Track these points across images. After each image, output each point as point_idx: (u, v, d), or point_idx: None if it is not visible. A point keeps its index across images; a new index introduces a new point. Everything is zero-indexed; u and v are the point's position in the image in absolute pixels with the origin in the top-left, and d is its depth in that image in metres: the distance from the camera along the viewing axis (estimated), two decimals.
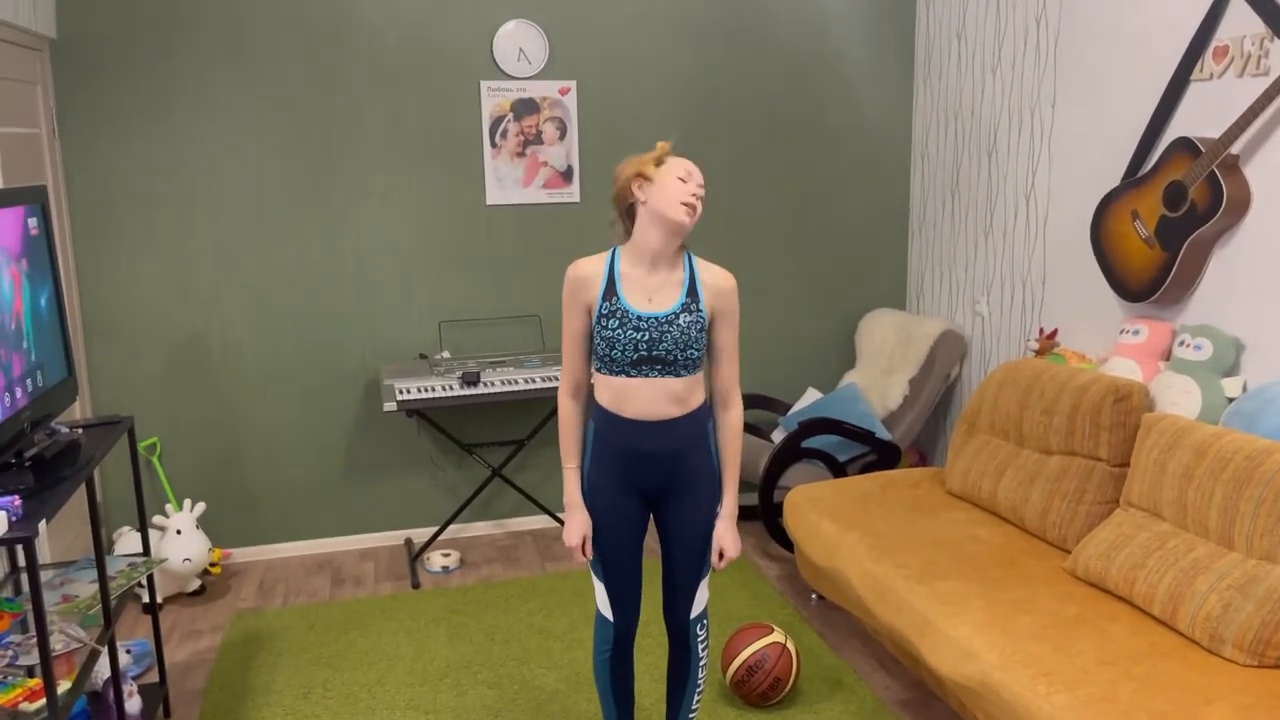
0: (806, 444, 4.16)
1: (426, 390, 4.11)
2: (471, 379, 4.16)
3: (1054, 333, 3.91)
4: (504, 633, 3.66)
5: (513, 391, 4.13)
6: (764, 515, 4.16)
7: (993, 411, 3.62)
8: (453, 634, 3.66)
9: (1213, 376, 3.06)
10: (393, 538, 4.66)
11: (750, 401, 4.75)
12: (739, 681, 3.08)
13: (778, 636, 3.12)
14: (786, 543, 4.22)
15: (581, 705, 3.14)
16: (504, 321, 4.58)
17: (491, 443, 4.51)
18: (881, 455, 4.29)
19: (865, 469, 4.28)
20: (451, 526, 4.63)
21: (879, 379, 4.60)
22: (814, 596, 3.91)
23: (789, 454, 4.14)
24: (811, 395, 4.72)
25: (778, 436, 4.60)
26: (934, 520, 3.46)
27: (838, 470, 4.23)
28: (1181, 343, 3.17)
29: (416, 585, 4.14)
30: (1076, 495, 3.15)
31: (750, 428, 4.76)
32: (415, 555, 4.39)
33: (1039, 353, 3.91)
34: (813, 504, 3.66)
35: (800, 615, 3.76)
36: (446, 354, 4.47)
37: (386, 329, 4.46)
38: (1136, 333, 3.36)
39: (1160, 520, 2.83)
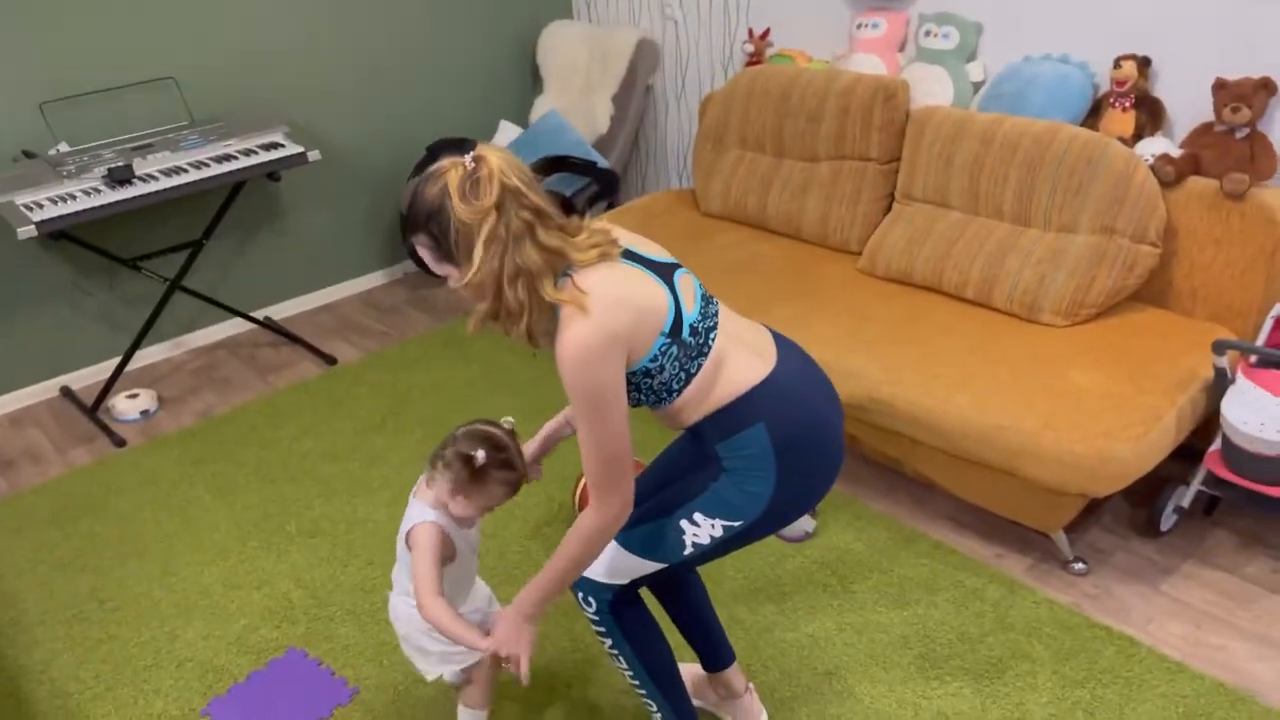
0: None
1: (66, 200, 3.12)
2: (123, 176, 3.22)
3: (766, 33, 3.84)
4: (279, 469, 3.12)
5: (183, 185, 3.27)
6: None
7: (743, 125, 3.55)
8: (217, 490, 3.05)
9: (960, 63, 3.22)
10: (44, 391, 3.68)
11: (445, 147, 4.22)
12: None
13: None
14: None
15: None
16: (128, 91, 3.52)
17: (158, 251, 3.60)
18: (602, 185, 4.09)
19: (590, 203, 4.08)
20: (116, 362, 3.74)
21: (578, 101, 4.30)
22: None
23: None
24: (508, 130, 4.31)
25: None
26: (711, 245, 3.42)
27: (568, 209, 3.98)
28: (927, 32, 3.27)
29: (121, 443, 3.35)
30: (853, 198, 3.25)
31: None
32: (94, 405, 3.52)
33: (755, 57, 3.84)
34: None
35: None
36: (64, 146, 3.39)
37: None
38: (875, 26, 3.40)
39: (950, 210, 3.02)
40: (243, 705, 2.27)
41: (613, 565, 1.80)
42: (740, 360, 1.70)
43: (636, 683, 1.89)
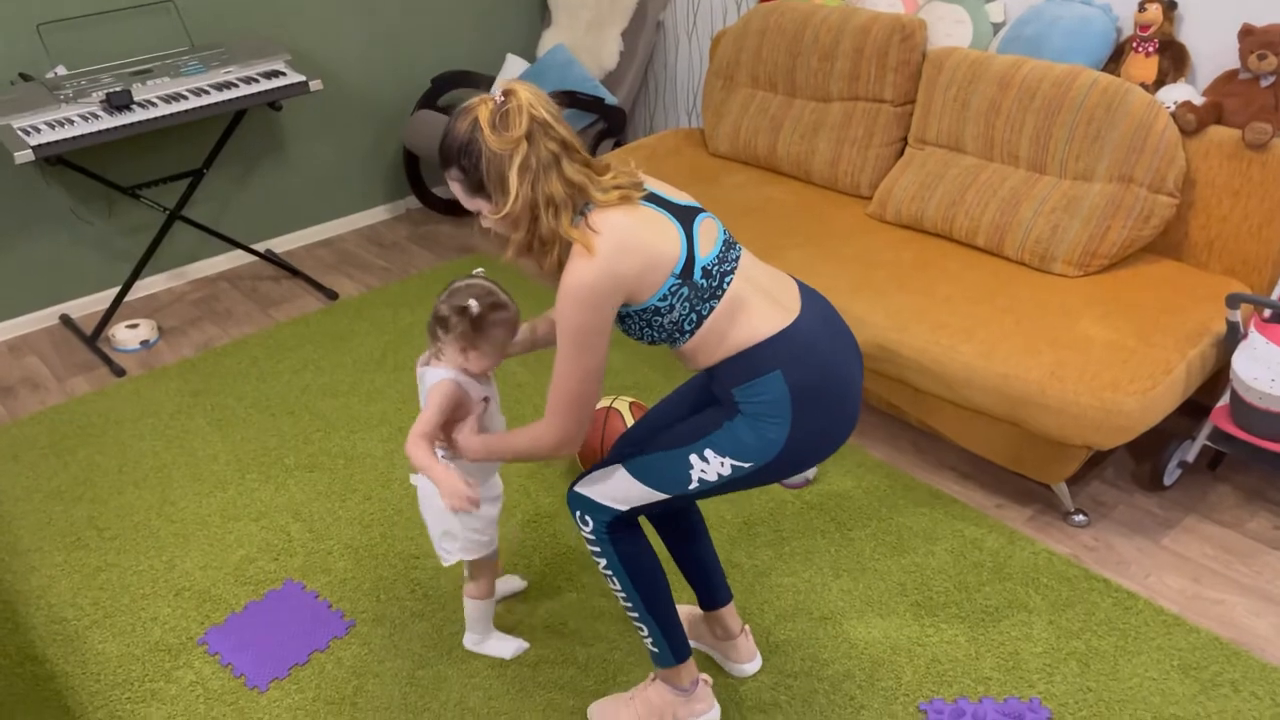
0: None
1: (64, 125, 3.06)
2: (121, 101, 3.16)
3: None
4: (279, 403, 3.11)
5: (183, 112, 3.22)
6: None
7: (754, 63, 3.47)
8: (217, 422, 3.04)
9: (980, 3, 3.13)
10: (44, 319, 3.66)
11: (450, 81, 4.14)
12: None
13: (601, 404, 2.69)
14: None
15: None
16: (128, 14, 3.45)
17: (158, 180, 3.55)
18: (610, 122, 4.02)
19: (597, 140, 4.01)
20: (116, 292, 3.71)
21: (586, 36, 4.20)
22: None
23: None
24: (515, 64, 4.22)
25: None
26: (719, 186, 3.37)
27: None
28: None
29: (121, 373, 3.33)
30: (865, 140, 3.19)
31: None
32: (94, 334, 3.49)
33: None
34: None
35: None
36: (62, 69, 3.32)
37: None
38: None
39: (964, 155, 2.96)
40: (239, 635, 2.28)
41: (615, 489, 1.79)
42: (759, 308, 1.68)
43: (629, 605, 1.89)
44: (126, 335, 3.48)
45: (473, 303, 1.81)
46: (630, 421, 2.62)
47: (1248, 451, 2.41)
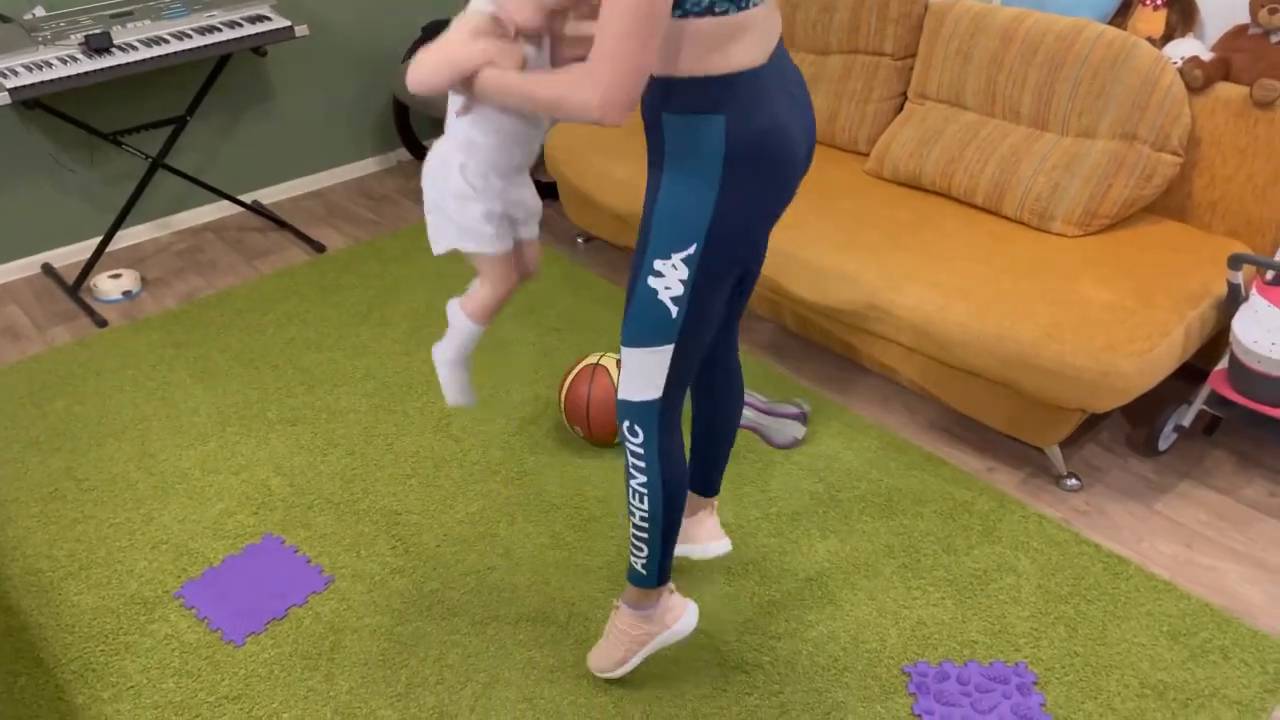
0: None
1: (41, 68, 2.99)
2: (101, 44, 3.08)
3: None
4: (262, 356, 3.06)
5: (164, 56, 3.14)
6: None
7: None
8: (199, 374, 2.99)
9: None
10: (25, 267, 3.59)
11: (443, 29, 4.04)
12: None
13: (588, 361, 2.63)
14: None
15: (411, 411, 2.77)
16: None
17: (139, 126, 3.47)
18: None
19: None
20: (99, 241, 3.65)
21: None
22: (581, 239, 3.67)
23: None
24: None
25: None
26: None
27: None
28: None
29: (103, 323, 3.28)
30: (864, 95, 3.11)
31: None
32: (76, 284, 3.43)
33: None
34: (580, 139, 3.30)
35: (575, 260, 3.53)
36: (40, 10, 3.23)
37: None
38: None
39: (964, 110, 2.89)
40: (216, 589, 2.25)
41: (633, 372, 1.70)
42: (749, 44, 1.49)
43: (645, 525, 1.82)
44: (109, 285, 3.42)
45: None
46: (616, 377, 2.57)
47: (1245, 416, 2.36)
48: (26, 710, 2.00)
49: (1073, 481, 2.47)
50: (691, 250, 1.57)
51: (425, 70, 1.55)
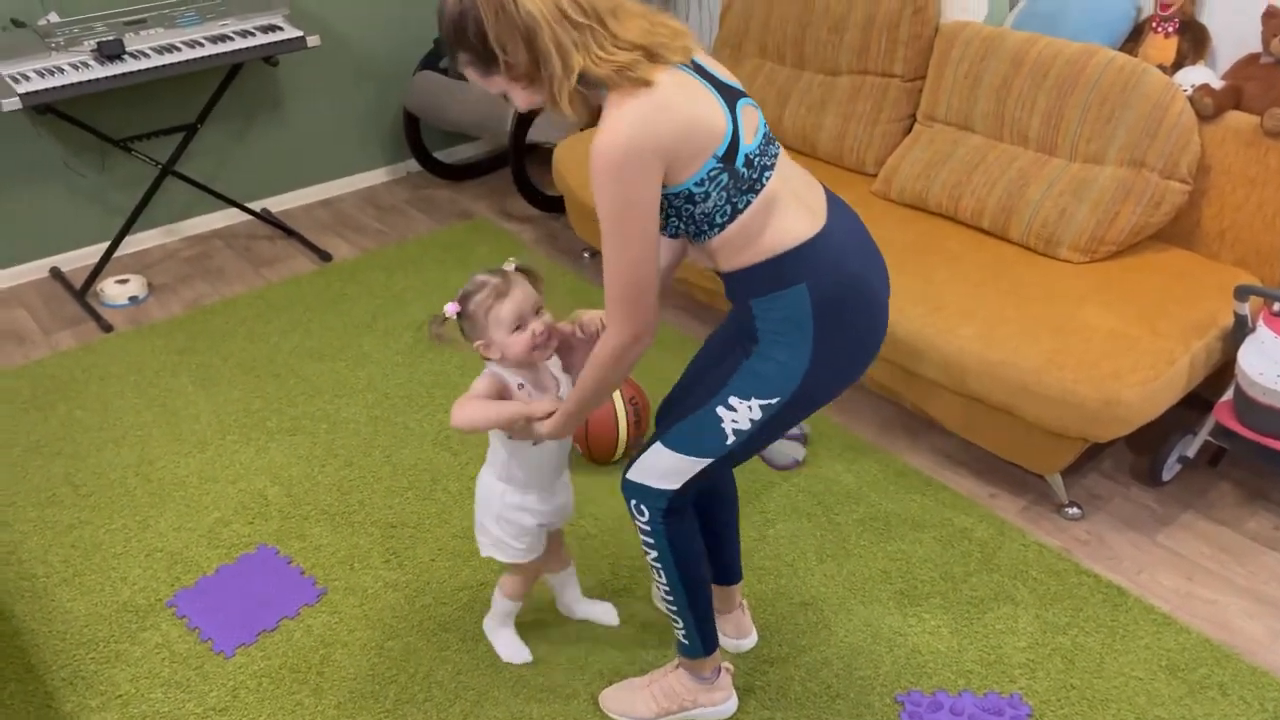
0: None
1: (53, 74, 3.01)
2: (113, 51, 3.11)
3: None
4: (265, 364, 3.06)
5: (176, 64, 3.16)
6: (515, 167, 3.72)
7: (763, 33, 3.38)
8: (201, 381, 2.99)
9: None
10: (34, 270, 3.61)
11: None
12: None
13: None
14: (534, 200, 3.87)
15: (411, 423, 2.76)
16: None
17: (150, 133, 3.49)
18: None
19: None
20: (108, 246, 3.66)
21: None
22: (586, 254, 3.67)
23: None
24: None
25: None
26: None
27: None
28: None
29: (109, 328, 3.29)
30: (872, 116, 3.10)
31: None
32: (83, 288, 3.45)
33: None
34: (587, 153, 3.30)
35: (580, 275, 3.53)
36: (54, 16, 3.25)
37: None
38: None
39: (972, 134, 2.87)
40: (209, 598, 2.24)
41: (660, 467, 1.71)
42: (792, 212, 1.55)
43: (670, 598, 1.83)
44: (116, 290, 3.43)
45: (447, 308, 1.78)
46: (621, 404, 2.57)
47: (1250, 449, 2.33)
48: (14, 717, 1.99)
49: (1074, 510, 2.44)
50: (774, 401, 1.61)
51: (465, 422, 1.74)
